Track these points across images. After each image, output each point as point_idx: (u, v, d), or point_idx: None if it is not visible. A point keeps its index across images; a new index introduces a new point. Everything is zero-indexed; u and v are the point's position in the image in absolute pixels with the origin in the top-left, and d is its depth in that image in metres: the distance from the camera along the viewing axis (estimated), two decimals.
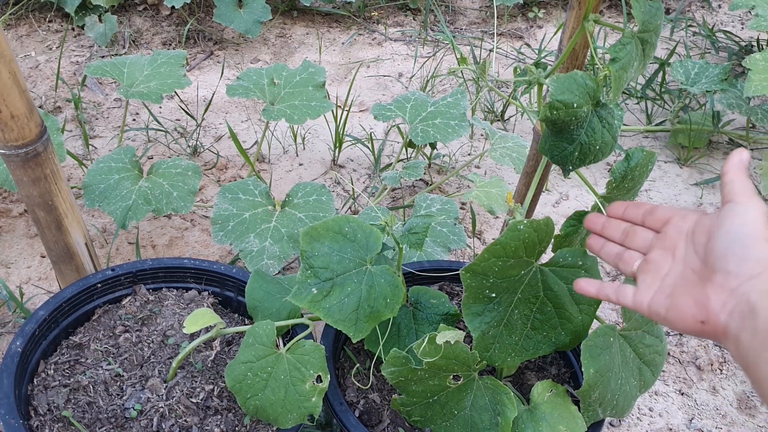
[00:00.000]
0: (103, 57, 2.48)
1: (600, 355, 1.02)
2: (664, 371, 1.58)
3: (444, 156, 2.12)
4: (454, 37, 2.74)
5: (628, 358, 1.09)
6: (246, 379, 1.05)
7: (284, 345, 1.09)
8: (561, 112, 0.95)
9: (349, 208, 1.91)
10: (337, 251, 1.06)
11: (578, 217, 1.06)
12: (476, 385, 1.08)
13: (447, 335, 1.01)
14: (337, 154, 2.08)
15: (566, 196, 2.04)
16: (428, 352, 1.02)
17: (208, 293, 1.33)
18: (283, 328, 1.18)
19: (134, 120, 2.22)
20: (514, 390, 1.11)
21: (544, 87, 1.03)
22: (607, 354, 1.03)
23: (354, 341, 1.04)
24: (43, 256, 1.69)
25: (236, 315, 1.33)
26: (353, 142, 2.13)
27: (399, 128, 2.10)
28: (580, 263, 1.02)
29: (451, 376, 1.07)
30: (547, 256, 1.01)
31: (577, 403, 1.09)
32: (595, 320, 1.07)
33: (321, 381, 1.05)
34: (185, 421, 1.10)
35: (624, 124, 2.31)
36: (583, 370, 1.01)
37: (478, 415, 1.07)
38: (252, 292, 1.21)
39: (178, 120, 2.21)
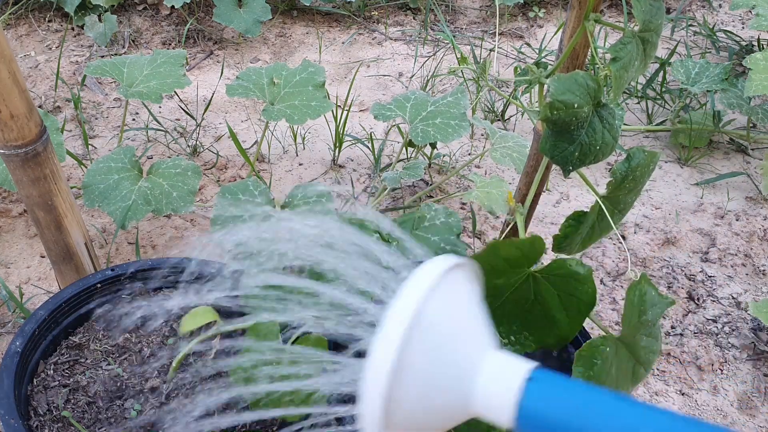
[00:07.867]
0: (102, 57, 2.48)
1: (593, 366, 1.01)
2: (664, 371, 1.57)
3: (444, 156, 2.12)
4: (454, 36, 2.74)
5: (622, 361, 1.08)
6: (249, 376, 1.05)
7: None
8: (562, 112, 0.94)
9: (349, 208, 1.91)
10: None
11: (577, 217, 1.06)
12: None
13: None
14: (337, 154, 2.08)
15: (567, 195, 2.04)
16: None
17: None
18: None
19: (134, 120, 2.22)
20: None
21: (545, 87, 1.03)
22: (600, 359, 1.02)
23: None
24: (43, 256, 1.69)
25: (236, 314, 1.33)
26: (353, 142, 2.13)
27: (399, 128, 2.10)
28: (575, 272, 1.00)
29: None
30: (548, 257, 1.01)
31: None
32: (594, 322, 1.07)
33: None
34: None
35: (625, 124, 2.31)
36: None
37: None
38: None
39: (178, 120, 2.21)
